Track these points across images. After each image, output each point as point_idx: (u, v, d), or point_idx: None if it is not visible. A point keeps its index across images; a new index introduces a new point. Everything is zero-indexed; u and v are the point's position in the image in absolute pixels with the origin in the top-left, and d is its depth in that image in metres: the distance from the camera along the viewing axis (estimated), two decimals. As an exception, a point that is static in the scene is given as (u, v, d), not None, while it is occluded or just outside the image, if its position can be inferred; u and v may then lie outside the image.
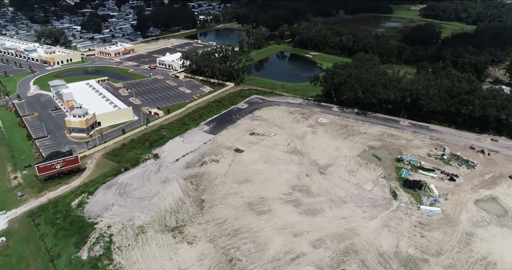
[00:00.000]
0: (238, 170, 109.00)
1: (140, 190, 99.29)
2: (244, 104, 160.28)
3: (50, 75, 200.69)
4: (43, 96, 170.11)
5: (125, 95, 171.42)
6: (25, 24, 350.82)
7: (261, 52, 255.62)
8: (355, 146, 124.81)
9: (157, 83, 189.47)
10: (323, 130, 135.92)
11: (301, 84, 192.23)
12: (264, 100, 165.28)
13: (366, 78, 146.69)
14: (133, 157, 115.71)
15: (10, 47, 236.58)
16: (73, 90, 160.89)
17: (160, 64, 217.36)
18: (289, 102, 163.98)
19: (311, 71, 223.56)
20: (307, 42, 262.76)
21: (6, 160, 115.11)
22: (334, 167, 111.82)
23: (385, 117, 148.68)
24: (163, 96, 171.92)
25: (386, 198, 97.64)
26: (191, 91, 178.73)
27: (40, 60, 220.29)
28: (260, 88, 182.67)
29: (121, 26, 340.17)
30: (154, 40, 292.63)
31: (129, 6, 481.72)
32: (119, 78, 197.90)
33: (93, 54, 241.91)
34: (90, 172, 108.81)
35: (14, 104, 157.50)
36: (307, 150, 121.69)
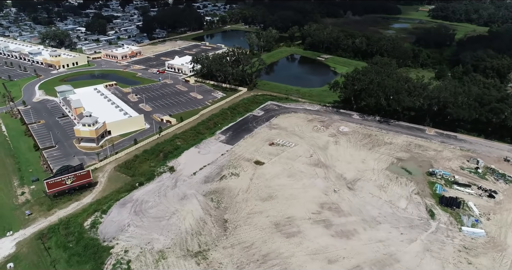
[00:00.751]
0: (261, 185, 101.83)
1: (157, 208, 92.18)
2: (259, 111, 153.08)
3: (55, 79, 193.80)
4: (49, 102, 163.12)
5: (135, 101, 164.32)
6: (28, 26, 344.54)
7: (272, 54, 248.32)
8: (382, 158, 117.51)
9: (167, 88, 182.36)
10: (346, 140, 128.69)
11: (316, 89, 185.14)
12: (280, 107, 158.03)
13: (389, 84, 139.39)
14: (148, 170, 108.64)
15: (14, 49, 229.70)
16: (81, 96, 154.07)
17: (169, 68, 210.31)
18: (307, 108, 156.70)
19: (325, 75, 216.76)
20: (318, 44, 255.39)
21: (13, 173, 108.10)
22: (362, 182, 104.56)
23: (409, 126, 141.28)
24: (174, 102, 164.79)
25: (423, 218, 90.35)
26: (203, 96, 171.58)
27: (45, 63, 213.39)
28: (275, 93, 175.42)
29: (127, 28, 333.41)
30: (161, 42, 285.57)
31: (133, 7, 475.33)
32: (128, 82, 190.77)
33: (99, 57, 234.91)
34: (102, 187, 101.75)
35: (19, 111, 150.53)
36: (331, 162, 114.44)
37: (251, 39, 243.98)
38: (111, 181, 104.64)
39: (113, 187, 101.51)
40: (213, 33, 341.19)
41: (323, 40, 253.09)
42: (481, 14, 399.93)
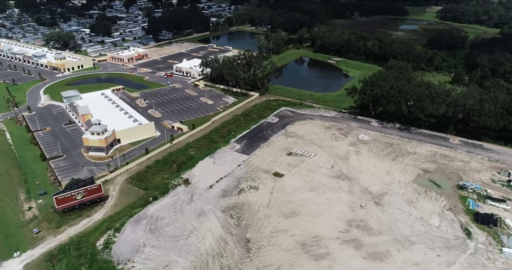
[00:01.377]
0: (282, 200, 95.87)
1: (173, 225, 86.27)
2: (274, 118, 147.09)
3: (61, 83, 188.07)
4: (55, 107, 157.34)
5: (143, 107, 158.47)
6: (31, 27, 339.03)
7: (281, 57, 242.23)
8: (407, 169, 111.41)
9: (176, 93, 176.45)
10: (367, 150, 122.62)
11: (330, 94, 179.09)
12: (295, 113, 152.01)
13: (411, 90, 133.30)
14: (161, 183, 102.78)
15: (18, 52, 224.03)
16: (88, 102, 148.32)
17: (177, 71, 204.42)
18: (323, 115, 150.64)
19: (338, 79, 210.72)
20: (328, 47, 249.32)
21: (19, 186, 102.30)
22: (389, 196, 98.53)
23: (431, 134, 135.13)
24: (184, 107, 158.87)
25: (459, 237, 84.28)
26: (214, 102, 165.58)
27: (50, 66, 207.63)
28: (288, 98, 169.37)
29: (131, 29, 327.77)
30: (167, 44, 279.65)
31: (137, 8, 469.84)
32: (135, 86, 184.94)
33: (105, 60, 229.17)
34: (114, 202, 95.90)
35: (24, 117, 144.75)
36: (354, 174, 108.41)
37: (260, 41, 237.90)
38: (123, 195, 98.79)
39: (125, 202, 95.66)
40: (219, 34, 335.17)
41: (334, 42, 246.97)
42: (491, 15, 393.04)
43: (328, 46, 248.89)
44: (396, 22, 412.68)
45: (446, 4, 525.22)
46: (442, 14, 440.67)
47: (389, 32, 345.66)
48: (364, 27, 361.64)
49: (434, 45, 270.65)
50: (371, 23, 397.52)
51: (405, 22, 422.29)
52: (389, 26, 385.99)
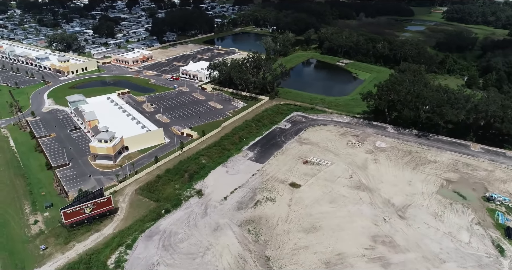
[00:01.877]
0: (301, 213, 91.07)
1: (188, 241, 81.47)
2: (286, 124, 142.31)
3: (65, 86, 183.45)
4: (59, 112, 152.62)
5: (151, 111, 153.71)
6: (33, 28, 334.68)
7: (289, 59, 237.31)
8: (429, 179, 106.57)
9: (183, 97, 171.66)
10: (386, 158, 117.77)
11: (342, 98, 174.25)
12: (307, 119, 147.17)
13: (429, 95, 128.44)
14: (173, 194, 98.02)
15: (20, 54, 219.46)
16: (93, 106, 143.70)
17: (183, 74, 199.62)
18: (336, 120, 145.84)
19: (348, 82, 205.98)
20: (337, 49, 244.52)
21: (24, 197, 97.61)
22: (413, 209, 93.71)
23: (450, 141, 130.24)
24: (192, 112, 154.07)
25: (491, 255, 79.43)
26: (223, 106, 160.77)
27: (53, 69, 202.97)
28: (298, 103, 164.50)
29: (135, 30, 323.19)
30: (172, 46, 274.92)
31: (140, 8, 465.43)
32: (141, 90, 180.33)
33: (109, 62, 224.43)
34: (124, 215, 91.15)
35: (28, 123, 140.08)
36: (374, 184, 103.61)
37: (267, 43, 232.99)
38: (133, 207, 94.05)
39: (136, 215, 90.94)
40: (224, 36, 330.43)
41: (342, 44, 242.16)
42: (499, 16, 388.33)
43: (337, 48, 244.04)
44: (402, 23, 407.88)
45: (451, 5, 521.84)
46: (449, 14, 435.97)
47: (396, 33, 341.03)
48: (371, 28, 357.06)
49: (444, 47, 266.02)
50: (377, 24, 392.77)
51: (411, 23, 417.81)
52: (395, 27, 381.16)
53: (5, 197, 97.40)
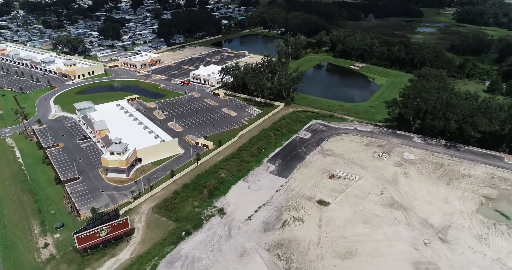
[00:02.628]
0: (334, 236, 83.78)
1: (213, 269, 74.38)
2: (306, 133, 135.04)
3: (71, 92, 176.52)
4: (67, 119, 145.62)
5: (162, 119, 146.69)
6: (37, 29, 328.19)
7: (301, 63, 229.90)
8: (466, 196, 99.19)
9: (195, 103, 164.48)
10: (416, 171, 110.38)
11: (361, 104, 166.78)
12: (328, 127, 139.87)
13: (461, 104, 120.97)
14: (193, 213, 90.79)
15: (25, 57, 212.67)
16: (103, 114, 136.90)
17: (193, 79, 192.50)
18: (358, 129, 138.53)
19: (365, 87, 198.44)
20: (350, 52, 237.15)
21: (32, 216, 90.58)
22: (455, 231, 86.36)
23: (482, 152, 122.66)
24: (206, 120, 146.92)
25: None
26: (237, 113, 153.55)
27: (59, 73, 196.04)
28: (316, 109, 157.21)
29: (141, 32, 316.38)
30: (180, 48, 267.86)
31: (145, 9, 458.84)
32: (151, 95, 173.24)
33: (116, 66, 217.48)
34: (142, 237, 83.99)
35: (34, 132, 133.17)
36: (408, 202, 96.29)
37: (279, 47, 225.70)
38: (150, 228, 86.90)
39: (154, 237, 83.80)
40: (232, 38, 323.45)
41: (356, 47, 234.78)
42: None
43: (350, 51, 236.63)
44: (412, 25, 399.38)
45: (460, 6, 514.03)
46: (459, 16, 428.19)
47: (408, 35, 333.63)
48: (381, 30, 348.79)
49: (459, 49, 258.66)
50: (387, 25, 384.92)
51: (421, 25, 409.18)
52: (406, 28, 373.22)
53: (12, 216, 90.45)
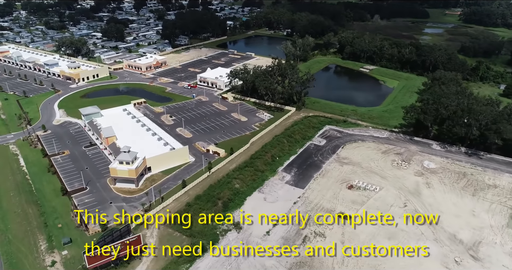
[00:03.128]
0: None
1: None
2: (320, 140, 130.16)
3: (76, 95, 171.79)
4: (72, 125, 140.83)
5: (170, 124, 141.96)
6: (40, 30, 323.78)
7: (309, 65, 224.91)
8: (494, 208, 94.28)
9: (203, 107, 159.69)
10: (439, 181, 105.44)
11: (375, 109, 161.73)
12: (342, 133, 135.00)
13: (484, 110, 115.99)
14: (208, 228, 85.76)
15: (28, 59, 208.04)
16: (109, 119, 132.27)
17: (201, 82, 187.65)
18: (374, 135, 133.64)
19: (376, 90, 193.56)
20: (359, 54, 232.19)
21: (38, 230, 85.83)
22: (486, 247, 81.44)
23: (505, 160, 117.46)
24: (215, 125, 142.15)
25: None
26: (248, 118, 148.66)
27: (63, 76, 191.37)
28: (328, 114, 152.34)
29: (145, 33, 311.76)
30: (185, 50, 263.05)
31: (148, 10, 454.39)
32: (157, 99, 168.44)
33: (121, 68, 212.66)
34: (155, 254, 79.19)
35: (39, 138, 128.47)
36: (434, 215, 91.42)
37: (288, 49, 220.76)
38: (163, 243, 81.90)
39: (168, 253, 78.90)
40: (236, 39, 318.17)
41: (365, 49, 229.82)
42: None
43: (359, 53, 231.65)
44: (419, 26, 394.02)
45: (466, 7, 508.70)
46: (466, 17, 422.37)
47: (415, 36, 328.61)
48: (388, 31, 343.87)
49: (469, 51, 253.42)
50: (393, 26, 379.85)
51: (427, 26, 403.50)
52: (413, 29, 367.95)
53: (17, 230, 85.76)
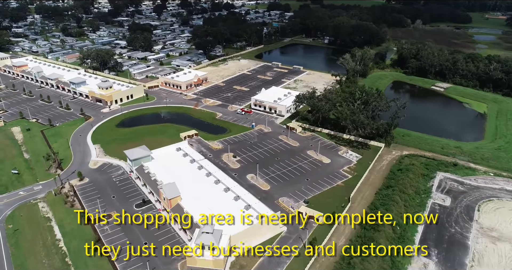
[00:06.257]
0: None
1: None
2: (441, 196, 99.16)
3: (111, 124, 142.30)
4: (113, 169, 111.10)
5: (236, 168, 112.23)
6: (57, 37, 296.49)
7: (371, 82, 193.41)
8: None
9: (269, 142, 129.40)
10: None
11: (482, 144, 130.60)
12: (464, 185, 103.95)
13: None
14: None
15: (50, 76, 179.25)
16: (162, 164, 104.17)
17: (256, 105, 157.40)
18: (507, 189, 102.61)
19: (466, 116, 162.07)
20: (428, 68, 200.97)
21: None
22: None
23: None
24: (293, 169, 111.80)
25: None
26: (330, 159, 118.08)
27: (92, 97, 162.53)
28: (428, 153, 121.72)
29: (173, 41, 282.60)
30: (222, 62, 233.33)
31: (169, 14, 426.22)
32: (210, 129, 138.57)
33: (156, 86, 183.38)
34: None
35: (75, 191, 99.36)
36: None
37: (349, 64, 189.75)
38: None
39: None
40: (272, 48, 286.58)
41: (435, 63, 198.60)
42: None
43: (429, 67, 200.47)
44: (466, 32, 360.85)
45: (505, 11, 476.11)
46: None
47: (469, 45, 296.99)
48: (436, 38, 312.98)
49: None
50: (438, 32, 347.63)
51: (474, 32, 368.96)
52: (462, 36, 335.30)
53: None
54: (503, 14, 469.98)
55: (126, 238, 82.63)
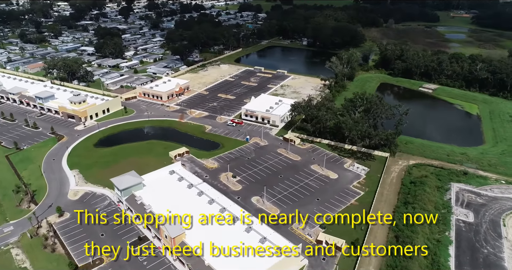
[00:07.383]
0: None
1: None
2: (463, 211, 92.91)
3: (88, 144, 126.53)
4: (97, 199, 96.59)
5: (238, 190, 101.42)
6: (15, 44, 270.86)
7: (358, 85, 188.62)
8: None
9: (268, 157, 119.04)
10: None
11: (486, 149, 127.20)
12: (482, 197, 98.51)
13: None
14: None
15: (11, 90, 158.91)
16: (156, 192, 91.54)
17: (247, 116, 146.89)
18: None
19: (459, 117, 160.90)
20: (414, 70, 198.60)
21: None
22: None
23: None
24: (300, 188, 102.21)
25: None
26: (337, 174, 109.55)
27: (63, 113, 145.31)
28: (435, 161, 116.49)
29: (144, 46, 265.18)
30: (200, 67, 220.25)
31: (137, 16, 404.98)
32: (201, 145, 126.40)
33: (134, 97, 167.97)
34: None
35: (55, 231, 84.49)
36: None
37: (337, 67, 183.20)
38: None
39: None
40: (251, 51, 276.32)
41: (421, 64, 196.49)
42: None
43: (414, 69, 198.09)
44: (437, 30, 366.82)
45: (468, 9, 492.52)
46: (479, 20, 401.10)
47: (444, 43, 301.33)
48: (412, 37, 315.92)
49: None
50: (411, 32, 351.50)
51: (443, 30, 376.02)
52: (434, 35, 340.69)
53: None
54: (466, 12, 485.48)
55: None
